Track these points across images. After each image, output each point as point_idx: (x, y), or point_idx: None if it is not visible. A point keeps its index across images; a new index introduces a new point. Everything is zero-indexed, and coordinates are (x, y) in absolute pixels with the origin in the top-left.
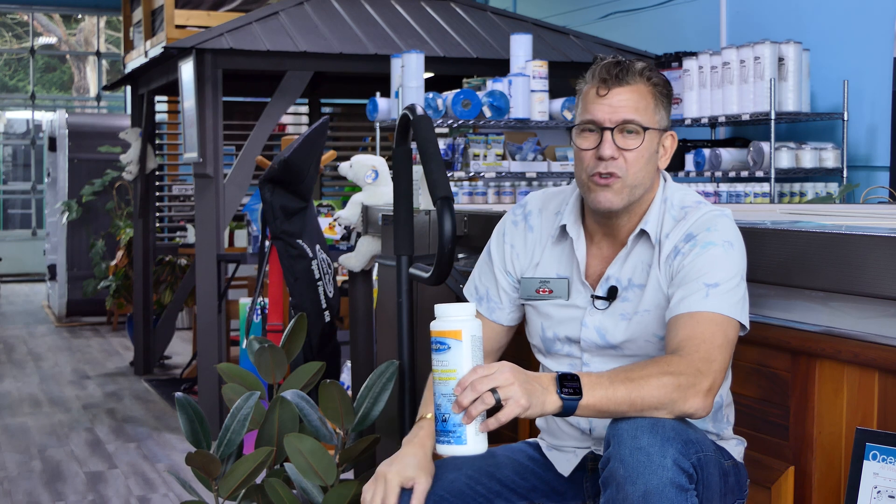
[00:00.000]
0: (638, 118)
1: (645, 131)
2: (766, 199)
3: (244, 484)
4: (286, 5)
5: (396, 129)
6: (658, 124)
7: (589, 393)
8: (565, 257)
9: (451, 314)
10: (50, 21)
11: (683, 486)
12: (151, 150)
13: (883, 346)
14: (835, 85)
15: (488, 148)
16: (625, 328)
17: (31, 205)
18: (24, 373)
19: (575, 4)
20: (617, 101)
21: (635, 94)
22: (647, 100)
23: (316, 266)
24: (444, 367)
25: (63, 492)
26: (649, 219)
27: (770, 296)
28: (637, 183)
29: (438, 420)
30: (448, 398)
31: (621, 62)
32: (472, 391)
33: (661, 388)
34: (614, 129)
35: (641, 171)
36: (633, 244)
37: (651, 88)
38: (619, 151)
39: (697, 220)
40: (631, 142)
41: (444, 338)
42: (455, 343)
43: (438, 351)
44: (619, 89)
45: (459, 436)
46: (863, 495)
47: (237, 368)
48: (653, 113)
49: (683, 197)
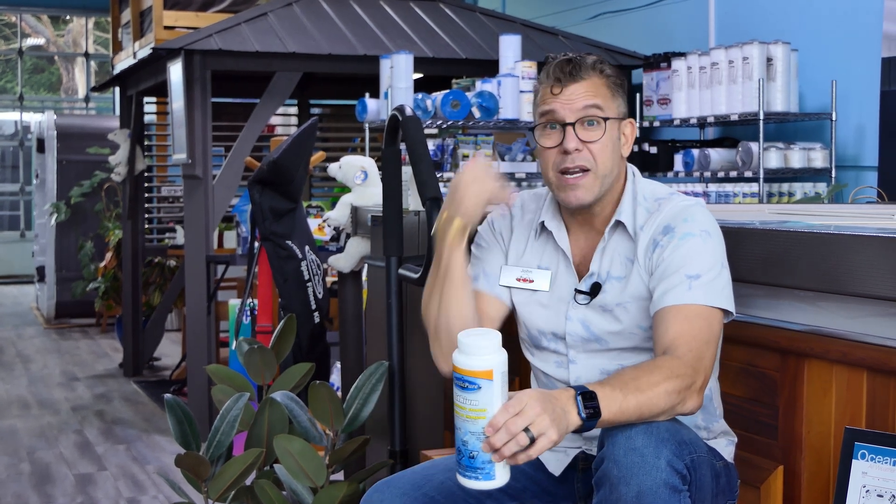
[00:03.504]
0: (597, 109)
1: (605, 121)
2: (755, 199)
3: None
4: (275, 6)
5: (385, 129)
6: (617, 113)
7: (606, 409)
8: (548, 251)
9: (480, 350)
10: (38, 22)
11: (677, 487)
12: (140, 151)
13: (871, 345)
14: (823, 85)
15: (477, 149)
16: (608, 320)
17: (20, 206)
18: (12, 375)
19: (564, 5)
20: (574, 95)
21: (590, 87)
22: (602, 91)
23: (305, 267)
24: (473, 406)
25: (52, 494)
26: (623, 209)
27: (759, 295)
28: (606, 172)
29: (465, 455)
30: (477, 437)
31: (572, 59)
32: (506, 433)
33: (667, 395)
34: (575, 122)
35: (609, 160)
36: (610, 235)
37: (604, 80)
38: (582, 144)
39: (672, 211)
40: (593, 133)
41: (474, 378)
42: (486, 383)
43: (467, 390)
44: (574, 85)
45: (489, 472)
46: (851, 494)
47: (226, 370)
48: (610, 102)
49: (655, 189)
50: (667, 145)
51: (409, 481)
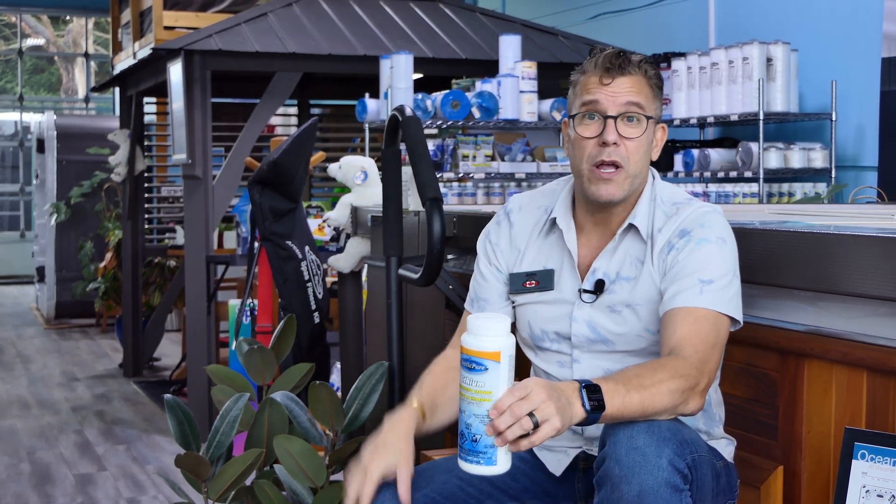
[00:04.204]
0: (639, 107)
1: (647, 120)
2: (755, 199)
3: (234, 486)
4: (275, 6)
5: (385, 130)
6: (655, 114)
7: (609, 403)
8: (555, 250)
9: (488, 331)
10: (38, 22)
11: (678, 487)
12: (140, 151)
13: (871, 345)
14: (823, 85)
15: (477, 149)
16: (615, 321)
17: (20, 206)
18: (12, 375)
19: (564, 5)
20: (619, 89)
21: (636, 83)
22: (645, 90)
23: (305, 267)
24: (479, 388)
25: (52, 494)
26: (637, 213)
27: (759, 296)
28: (637, 172)
29: (467, 439)
30: (481, 419)
31: (623, 53)
32: (510, 416)
33: (670, 394)
34: (617, 116)
35: (641, 161)
36: (622, 237)
37: (648, 80)
38: (621, 139)
39: (690, 216)
40: (633, 130)
41: (482, 358)
42: (493, 364)
43: (473, 371)
44: (621, 79)
45: (490, 457)
46: (851, 494)
47: (226, 370)
48: (651, 102)
49: (673, 193)
50: (667, 145)
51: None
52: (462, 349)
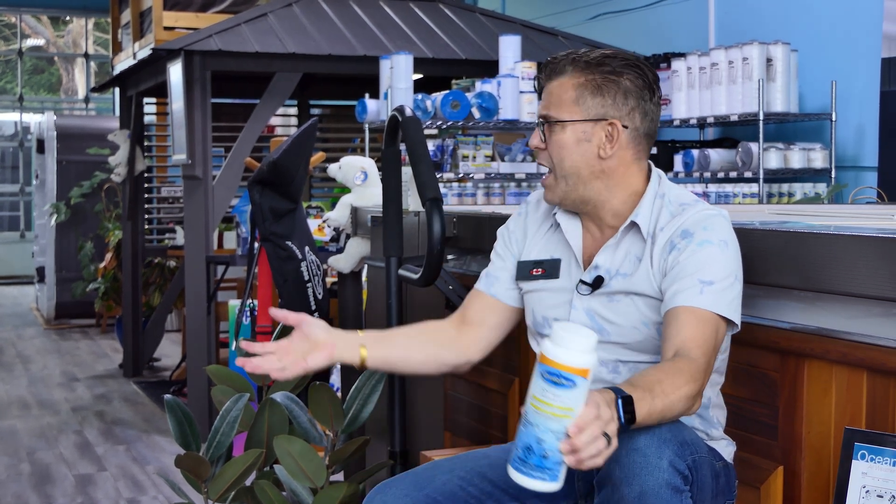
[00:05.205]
0: (553, 112)
1: (566, 123)
2: (755, 199)
3: (234, 486)
4: (275, 7)
5: (385, 130)
6: (586, 114)
7: (638, 414)
8: (561, 243)
9: (580, 346)
10: (38, 23)
11: (679, 488)
12: (140, 151)
13: (871, 345)
14: (823, 85)
15: (477, 149)
16: (613, 310)
17: (20, 207)
18: (12, 375)
19: (564, 6)
20: (546, 95)
21: (561, 87)
22: (569, 93)
23: (305, 268)
24: (562, 405)
25: (52, 494)
26: (640, 211)
27: (759, 296)
28: (566, 174)
29: (536, 455)
30: (557, 436)
31: (556, 59)
32: (590, 435)
33: (686, 400)
34: (545, 124)
35: (567, 162)
36: (623, 234)
37: (577, 82)
38: (548, 144)
39: (694, 217)
40: (551, 133)
41: (571, 374)
42: (581, 381)
43: (559, 386)
44: (549, 85)
45: (556, 474)
46: (851, 495)
47: (226, 370)
48: (572, 104)
49: (680, 194)
50: (667, 146)
51: (411, 482)
52: (545, 359)
